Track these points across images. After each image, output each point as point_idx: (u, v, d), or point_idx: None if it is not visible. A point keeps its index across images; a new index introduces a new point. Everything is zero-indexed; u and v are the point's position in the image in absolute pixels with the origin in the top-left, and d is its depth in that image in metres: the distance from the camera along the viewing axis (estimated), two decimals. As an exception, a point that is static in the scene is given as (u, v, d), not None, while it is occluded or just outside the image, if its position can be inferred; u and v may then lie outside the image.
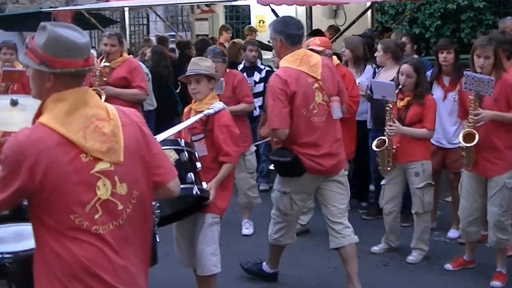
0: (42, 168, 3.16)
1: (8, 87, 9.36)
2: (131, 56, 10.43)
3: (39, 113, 3.36)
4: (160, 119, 11.52)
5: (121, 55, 9.02)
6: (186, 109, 6.59)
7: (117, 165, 3.37)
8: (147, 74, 10.80)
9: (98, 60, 9.03)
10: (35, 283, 3.41)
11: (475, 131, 6.88)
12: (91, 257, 3.28)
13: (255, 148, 9.16)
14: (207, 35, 15.32)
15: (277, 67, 7.63)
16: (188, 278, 6.86)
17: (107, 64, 8.77)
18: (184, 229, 6.39)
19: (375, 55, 8.95)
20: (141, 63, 10.87)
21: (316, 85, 6.63)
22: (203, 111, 6.19)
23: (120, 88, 8.81)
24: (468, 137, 6.95)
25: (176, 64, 12.90)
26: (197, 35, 15.93)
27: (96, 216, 3.30)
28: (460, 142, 7.08)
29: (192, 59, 6.67)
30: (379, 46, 8.94)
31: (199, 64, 6.33)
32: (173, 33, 16.96)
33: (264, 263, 7.38)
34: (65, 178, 3.21)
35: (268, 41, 14.00)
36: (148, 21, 18.21)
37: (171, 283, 7.23)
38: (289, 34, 6.70)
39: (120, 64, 8.91)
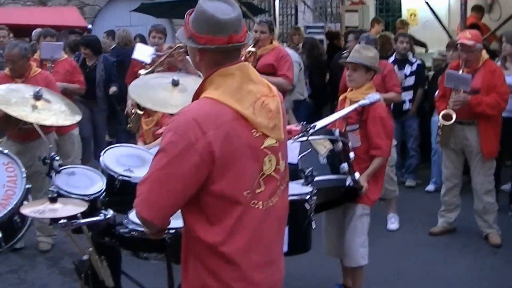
0: (220, 143, 3.15)
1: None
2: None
3: (202, 88, 3.36)
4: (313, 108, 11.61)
5: (271, 43, 9.01)
6: (341, 98, 6.55)
7: (279, 141, 3.40)
8: (299, 64, 10.80)
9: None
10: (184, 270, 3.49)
11: None
12: (245, 238, 3.32)
13: (395, 141, 9.02)
14: (356, 27, 15.19)
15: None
16: (332, 267, 6.88)
17: (252, 49, 8.78)
18: (334, 218, 6.38)
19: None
20: (294, 52, 10.92)
21: None
22: (358, 101, 6.14)
23: (266, 75, 8.75)
24: None
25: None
26: (347, 27, 15.82)
27: (258, 191, 3.33)
28: None
29: (356, 45, 6.66)
30: None
31: (361, 53, 6.26)
32: (321, 24, 16.93)
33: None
34: (241, 152, 3.23)
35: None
36: (296, 11, 18.26)
37: (313, 271, 7.23)
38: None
39: (269, 51, 8.89)
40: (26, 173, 5.54)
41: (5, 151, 5.74)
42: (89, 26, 18.15)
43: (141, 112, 8.48)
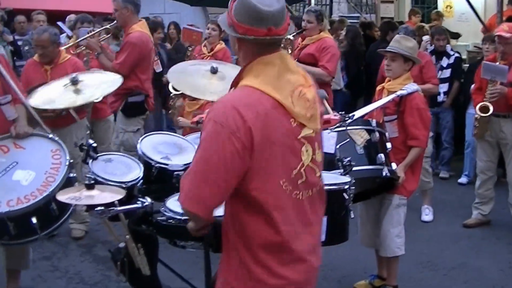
0: (259, 131, 3.11)
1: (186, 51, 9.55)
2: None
3: (240, 76, 3.33)
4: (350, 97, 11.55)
5: (319, 33, 8.92)
6: (378, 88, 6.48)
7: (315, 132, 3.37)
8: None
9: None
10: (225, 252, 3.46)
11: None
12: (287, 227, 3.27)
13: (431, 133, 8.95)
14: (392, 18, 15.07)
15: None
16: (367, 258, 6.90)
17: (291, 37, 8.72)
18: (370, 208, 6.36)
19: None
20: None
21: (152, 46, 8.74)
22: (396, 91, 6.09)
23: (307, 64, 8.65)
24: None
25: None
26: (382, 18, 15.71)
27: (299, 182, 3.30)
28: None
29: (396, 36, 6.61)
30: None
31: (400, 43, 6.19)
32: (356, 14, 16.84)
33: None
34: (279, 141, 3.18)
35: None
36: (331, 1, 18.11)
37: (349, 263, 7.20)
38: (136, 3, 8.37)
39: (314, 42, 8.83)
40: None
41: (56, 138, 5.77)
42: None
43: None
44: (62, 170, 5.45)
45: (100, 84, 5.61)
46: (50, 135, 5.83)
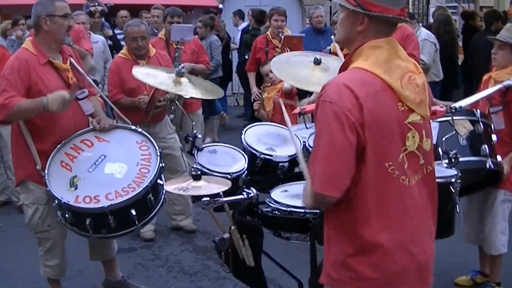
0: (371, 110, 3.15)
1: (284, 51, 9.44)
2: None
3: (349, 60, 3.38)
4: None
5: None
6: (485, 77, 6.30)
7: (424, 119, 3.37)
8: (435, 45, 10.60)
9: None
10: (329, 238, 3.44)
11: None
12: (395, 212, 3.27)
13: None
14: (491, 7, 14.77)
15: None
16: (467, 253, 6.79)
17: None
18: (475, 203, 6.21)
19: None
20: (430, 33, 10.76)
21: None
22: (503, 81, 5.93)
23: None
24: None
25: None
26: (481, 7, 15.40)
27: (405, 167, 3.29)
28: None
29: (508, 24, 6.43)
30: None
31: (510, 31, 6.02)
32: (454, 4, 16.54)
33: None
34: (386, 123, 3.21)
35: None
36: (429, -9, 17.84)
37: (450, 257, 7.07)
38: None
39: (395, 30, 8.73)
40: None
41: (139, 130, 5.82)
42: (220, 5, 18.18)
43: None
44: (155, 160, 5.51)
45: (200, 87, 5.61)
46: (133, 127, 5.88)
